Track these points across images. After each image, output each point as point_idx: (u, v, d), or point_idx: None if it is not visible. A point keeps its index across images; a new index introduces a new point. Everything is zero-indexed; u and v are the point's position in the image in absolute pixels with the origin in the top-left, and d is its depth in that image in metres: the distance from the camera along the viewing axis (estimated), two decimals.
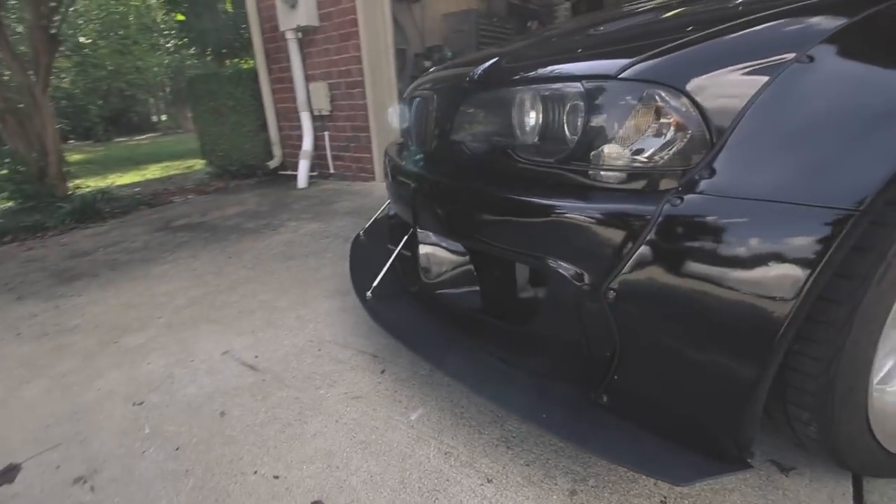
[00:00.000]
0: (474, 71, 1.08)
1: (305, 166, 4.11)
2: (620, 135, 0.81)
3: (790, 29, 0.74)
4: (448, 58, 4.80)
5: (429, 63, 4.82)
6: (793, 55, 0.70)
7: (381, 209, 1.90)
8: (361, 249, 1.78)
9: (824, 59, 0.69)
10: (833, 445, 0.78)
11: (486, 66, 1.07)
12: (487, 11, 5.72)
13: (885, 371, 0.80)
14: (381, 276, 1.35)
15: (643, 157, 0.79)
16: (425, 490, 0.95)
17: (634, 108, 0.79)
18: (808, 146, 0.66)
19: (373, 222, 1.91)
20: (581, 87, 0.84)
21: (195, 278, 2.19)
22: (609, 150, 0.82)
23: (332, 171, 4.23)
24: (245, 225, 3.03)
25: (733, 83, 0.74)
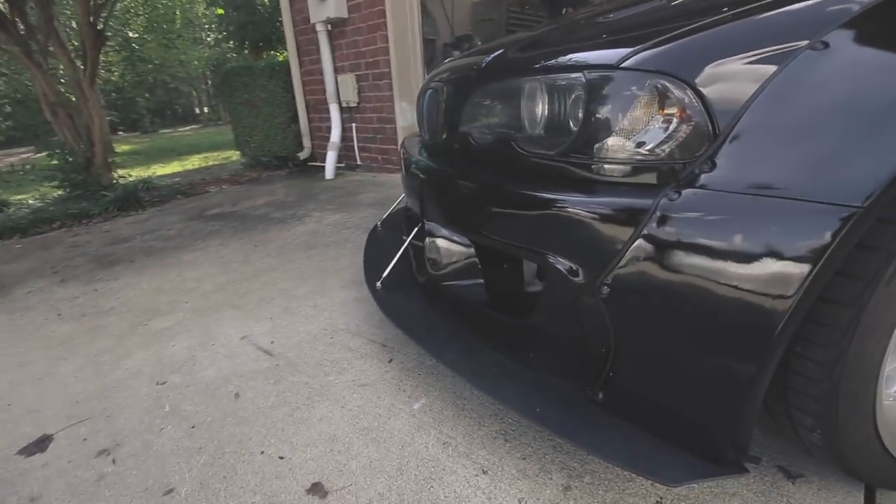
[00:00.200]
0: (481, 62, 1.08)
1: (333, 157, 4.18)
2: (621, 126, 0.78)
3: (803, 13, 0.69)
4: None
5: (457, 53, 4.78)
6: (806, 42, 0.66)
7: (398, 201, 1.92)
8: (377, 240, 1.80)
9: (841, 46, 0.65)
10: (839, 453, 0.74)
11: (492, 56, 1.05)
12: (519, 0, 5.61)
13: (893, 370, 0.75)
14: (390, 266, 1.37)
15: (644, 150, 0.77)
16: (421, 478, 0.97)
17: (635, 99, 0.77)
18: (814, 139, 0.62)
19: (390, 214, 1.94)
20: (583, 77, 0.82)
21: (223, 265, 2.28)
22: (609, 142, 0.80)
23: (359, 162, 4.29)
24: (273, 215, 3.12)
25: (741, 72, 0.70)
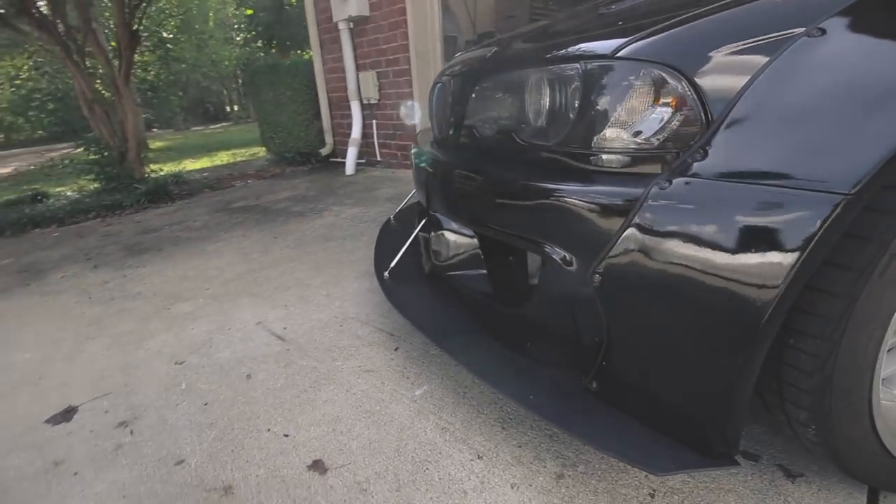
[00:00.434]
0: (485, 55, 1.09)
1: (353, 153, 4.25)
2: (616, 116, 0.79)
3: (798, 0, 0.69)
4: None
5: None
6: (803, 29, 0.66)
7: (409, 196, 1.95)
8: (389, 233, 1.83)
9: (838, 32, 0.64)
10: (835, 450, 0.73)
11: (495, 50, 1.07)
12: None
13: (893, 371, 0.74)
14: (398, 257, 1.40)
15: (639, 139, 0.77)
16: (418, 460, 0.99)
17: (630, 89, 0.77)
18: (804, 128, 0.62)
19: (403, 207, 1.97)
20: (580, 67, 0.83)
21: (243, 255, 2.35)
22: (604, 132, 0.80)
23: (379, 158, 4.34)
24: (293, 208, 3.20)
25: (736, 60, 0.70)
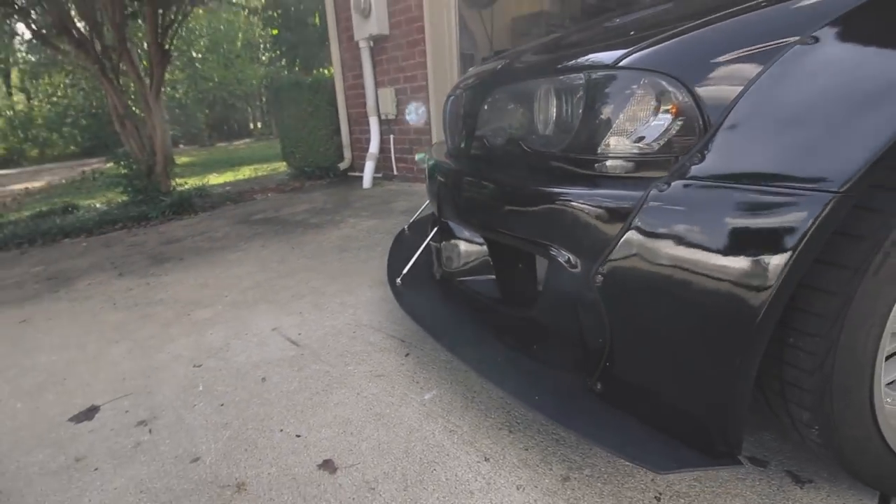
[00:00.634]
0: (495, 67, 1.13)
1: (371, 168, 4.34)
2: (618, 123, 0.82)
3: (795, 10, 0.71)
4: None
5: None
6: (797, 37, 0.68)
7: (424, 206, 1.99)
8: (402, 242, 1.87)
9: (829, 40, 0.66)
10: (840, 451, 0.72)
11: (504, 63, 1.11)
12: (559, 13, 5.65)
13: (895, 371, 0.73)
14: (409, 265, 1.43)
15: (640, 145, 0.80)
16: (426, 461, 1.01)
17: (632, 97, 0.80)
18: (796, 130, 0.63)
19: (417, 218, 2.01)
20: (584, 77, 0.86)
21: (261, 265, 2.42)
22: (606, 139, 0.83)
23: (396, 172, 4.42)
24: (311, 220, 3.28)
25: (733, 68, 0.72)
